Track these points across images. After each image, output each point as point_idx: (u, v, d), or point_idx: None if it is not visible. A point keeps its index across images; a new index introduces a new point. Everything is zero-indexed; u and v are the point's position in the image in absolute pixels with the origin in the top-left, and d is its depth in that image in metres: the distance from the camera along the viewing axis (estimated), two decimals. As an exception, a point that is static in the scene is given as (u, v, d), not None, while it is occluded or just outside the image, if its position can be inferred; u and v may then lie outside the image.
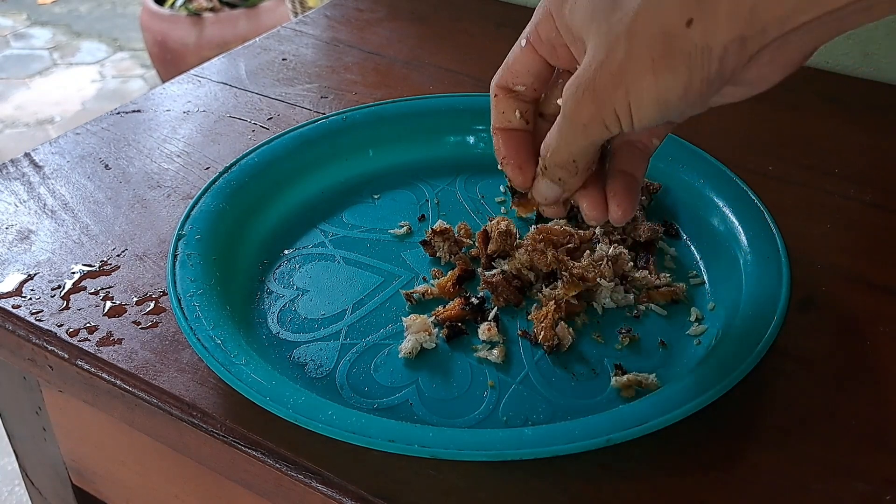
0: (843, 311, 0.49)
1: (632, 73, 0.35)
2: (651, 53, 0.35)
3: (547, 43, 0.40)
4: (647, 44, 0.35)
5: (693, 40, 0.34)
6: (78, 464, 0.60)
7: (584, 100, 0.37)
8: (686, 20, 0.34)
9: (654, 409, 0.40)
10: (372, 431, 0.39)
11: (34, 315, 0.49)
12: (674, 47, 0.34)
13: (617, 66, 0.35)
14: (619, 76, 0.35)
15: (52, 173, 0.61)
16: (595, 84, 0.36)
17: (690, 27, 0.34)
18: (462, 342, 0.48)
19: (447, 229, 0.53)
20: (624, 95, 0.36)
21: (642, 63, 0.35)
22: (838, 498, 0.39)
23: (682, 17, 0.34)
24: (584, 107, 0.37)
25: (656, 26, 0.34)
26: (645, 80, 0.35)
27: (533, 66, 0.41)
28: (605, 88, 0.36)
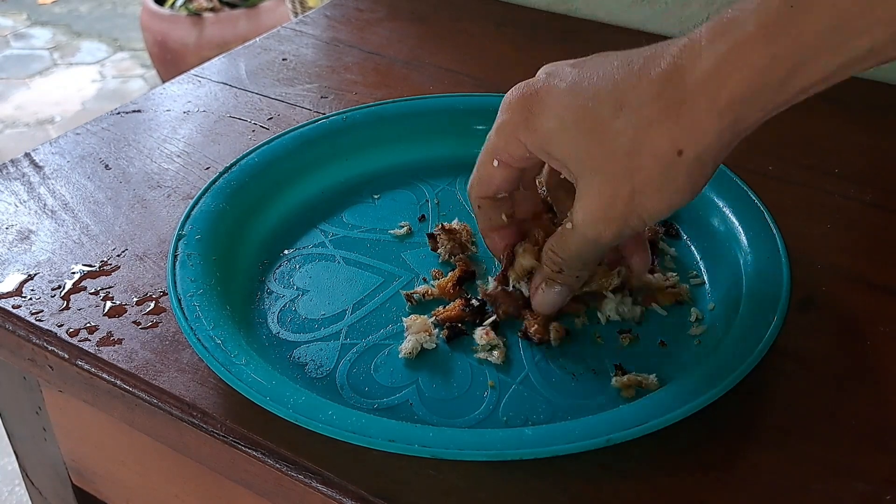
0: (843, 311, 0.49)
1: (641, 201, 0.40)
2: (654, 184, 0.39)
3: (520, 159, 0.44)
4: (648, 177, 0.39)
5: (688, 164, 0.38)
6: (78, 464, 0.60)
7: (603, 228, 0.41)
8: (676, 151, 0.38)
9: (654, 409, 0.40)
10: (372, 431, 0.39)
11: (34, 315, 0.49)
12: (672, 173, 0.39)
13: (627, 200, 0.40)
14: (630, 206, 0.40)
15: (52, 173, 0.61)
16: (609, 215, 0.41)
17: (682, 156, 0.38)
18: (462, 343, 0.48)
19: (456, 230, 0.53)
20: (639, 216, 0.40)
21: (649, 192, 0.39)
22: (838, 498, 0.39)
23: (672, 150, 0.38)
24: (605, 232, 0.42)
25: (651, 163, 0.39)
26: (654, 200, 0.40)
27: (509, 176, 0.45)
28: (621, 217, 0.41)
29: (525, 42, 0.80)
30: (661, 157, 0.38)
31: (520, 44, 0.79)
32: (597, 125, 0.39)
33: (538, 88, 0.42)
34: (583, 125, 0.39)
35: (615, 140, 0.39)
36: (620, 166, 0.39)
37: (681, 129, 0.37)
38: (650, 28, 0.81)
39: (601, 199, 0.40)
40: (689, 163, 0.38)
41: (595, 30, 0.82)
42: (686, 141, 0.38)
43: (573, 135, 0.40)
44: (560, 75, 0.41)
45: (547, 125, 0.41)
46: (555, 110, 0.41)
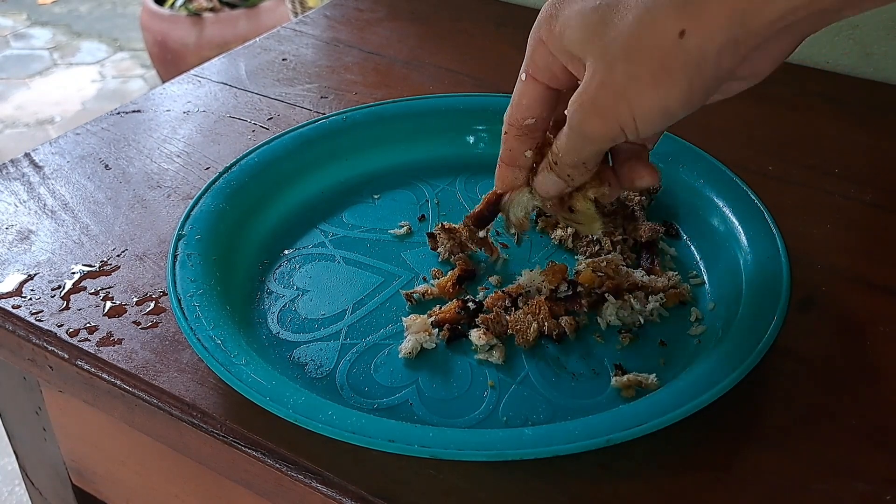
0: (843, 311, 0.49)
1: (633, 89, 0.37)
2: (649, 68, 0.36)
3: (545, 70, 0.41)
4: (645, 60, 0.36)
5: (688, 50, 0.35)
6: (78, 464, 0.60)
7: (589, 116, 0.38)
8: (678, 31, 0.35)
9: (654, 409, 0.40)
10: (372, 431, 0.39)
11: (34, 315, 0.49)
12: (670, 59, 0.36)
13: (618, 85, 0.37)
14: (621, 93, 0.37)
15: (52, 173, 0.61)
16: (598, 102, 0.38)
17: (684, 38, 0.35)
18: (462, 343, 0.48)
19: (456, 229, 0.53)
20: (628, 110, 0.37)
21: (642, 79, 0.36)
22: (838, 498, 0.39)
23: (674, 29, 0.35)
24: (590, 122, 0.39)
25: (651, 42, 0.36)
26: (647, 95, 0.36)
27: (538, 96, 0.43)
28: (609, 106, 0.37)
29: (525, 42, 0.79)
30: (661, 38, 0.35)
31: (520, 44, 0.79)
32: (611, 11, 0.37)
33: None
34: (600, 11, 0.37)
35: (622, 19, 0.36)
36: (620, 45, 0.36)
37: (686, 10, 0.35)
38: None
39: (593, 82, 0.38)
40: (690, 50, 0.35)
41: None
42: (689, 22, 0.35)
43: (589, 15, 0.38)
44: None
45: (567, 12, 0.39)
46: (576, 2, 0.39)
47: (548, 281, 0.49)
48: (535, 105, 0.43)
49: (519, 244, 0.51)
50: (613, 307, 0.48)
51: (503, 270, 0.53)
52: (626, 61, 0.36)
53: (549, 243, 0.55)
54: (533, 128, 0.44)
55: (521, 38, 0.80)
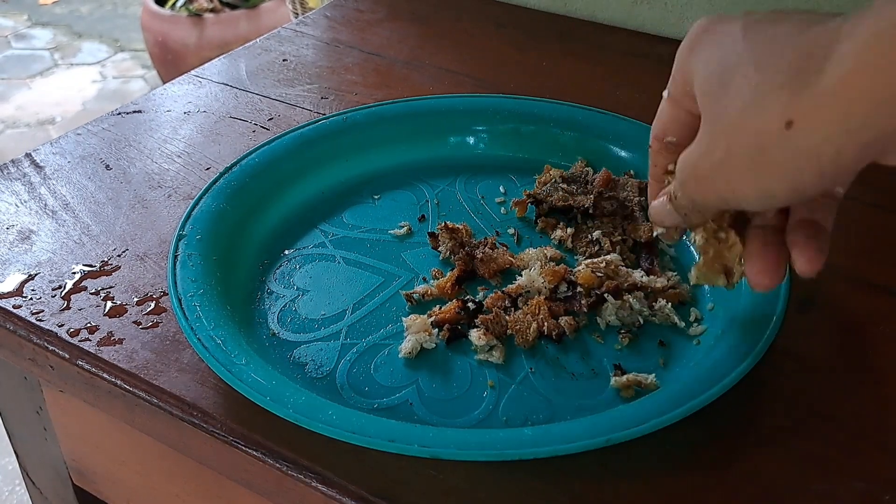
0: (843, 311, 0.49)
1: (732, 169, 0.35)
2: (749, 153, 0.34)
3: (684, 96, 0.39)
4: (745, 142, 0.34)
5: (795, 141, 0.32)
6: (78, 463, 0.60)
7: (690, 178, 0.37)
8: (786, 122, 0.32)
9: (654, 409, 0.40)
10: (372, 431, 0.39)
11: (35, 315, 0.49)
12: (772, 148, 0.33)
13: (718, 160, 0.35)
14: (720, 169, 0.35)
15: (52, 173, 0.61)
16: (699, 168, 0.36)
17: (790, 129, 0.32)
18: (462, 343, 0.48)
19: (457, 229, 0.53)
20: (726, 186, 0.35)
21: (740, 162, 0.34)
22: (838, 498, 0.39)
23: (782, 117, 0.32)
24: (691, 184, 0.37)
25: (755, 125, 0.33)
26: (745, 178, 0.34)
27: (676, 117, 0.41)
28: (708, 177, 0.36)
29: (525, 42, 0.80)
30: (767, 123, 0.33)
31: (520, 44, 0.79)
32: (731, 76, 0.35)
33: (713, 24, 0.38)
34: (725, 62, 0.36)
35: (739, 91, 0.34)
36: (728, 120, 0.35)
37: (800, 101, 0.32)
38: (649, 28, 0.81)
39: (699, 146, 0.36)
40: (796, 141, 0.32)
41: (594, 30, 0.82)
42: (801, 114, 0.31)
43: (714, 69, 0.36)
44: (738, 20, 0.37)
45: (703, 54, 0.37)
46: (710, 49, 0.37)
47: (547, 281, 0.50)
48: (674, 126, 0.41)
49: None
50: (613, 307, 0.48)
51: (503, 270, 0.53)
52: (729, 138, 0.35)
53: (550, 244, 0.55)
54: (676, 145, 0.41)
55: (521, 38, 0.80)
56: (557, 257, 0.53)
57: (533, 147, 0.62)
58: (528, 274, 0.50)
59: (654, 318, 0.49)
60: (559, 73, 0.74)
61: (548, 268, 0.50)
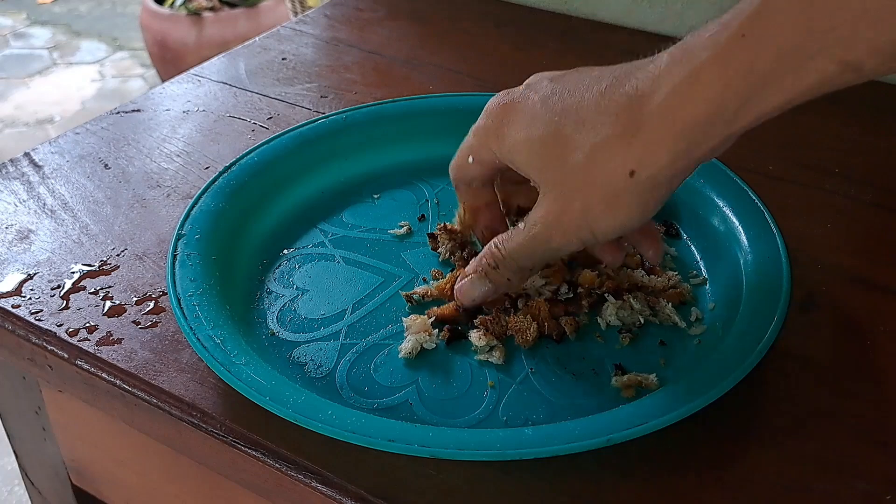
0: (843, 311, 0.49)
1: (592, 217, 0.41)
2: (605, 200, 0.40)
3: (491, 163, 0.46)
4: (599, 194, 0.40)
5: (640, 183, 0.39)
6: (78, 464, 0.60)
7: (553, 232, 0.42)
8: (628, 171, 0.39)
9: (654, 409, 0.40)
10: (372, 431, 0.39)
11: (34, 315, 0.49)
12: (623, 193, 0.39)
13: (578, 213, 0.41)
14: (581, 221, 0.41)
15: (51, 173, 0.61)
16: (560, 224, 0.42)
17: (634, 176, 0.39)
18: (462, 344, 0.48)
19: (457, 230, 0.53)
20: (589, 231, 0.41)
21: (599, 209, 0.40)
22: (839, 497, 0.39)
23: (624, 169, 0.39)
24: (554, 238, 0.42)
25: (603, 179, 0.39)
26: (605, 220, 0.41)
27: (485, 174, 0.48)
28: (570, 228, 0.42)
29: (525, 42, 0.80)
30: (613, 176, 0.39)
31: (520, 44, 0.79)
32: (559, 140, 0.40)
33: (514, 99, 0.43)
34: (546, 139, 0.41)
35: (573, 155, 0.40)
36: (574, 181, 0.40)
37: (634, 151, 0.38)
38: (650, 28, 0.81)
39: (554, 208, 0.41)
40: (641, 183, 0.39)
41: (594, 29, 0.82)
42: (638, 162, 0.38)
43: (537, 147, 0.41)
44: (536, 88, 0.43)
45: (515, 136, 0.43)
46: (524, 122, 0.42)
47: (548, 282, 0.49)
48: (481, 179, 0.48)
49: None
50: (613, 307, 0.48)
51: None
52: (583, 194, 0.40)
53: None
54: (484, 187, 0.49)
55: (521, 38, 0.80)
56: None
57: (533, 146, 0.62)
58: None
59: (654, 318, 0.49)
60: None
61: (548, 268, 0.50)
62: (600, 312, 0.49)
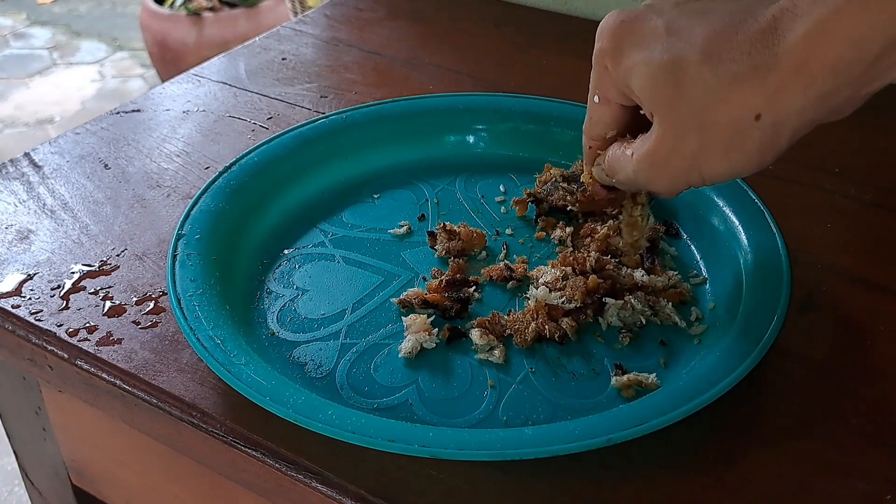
0: (843, 311, 0.49)
1: (705, 159, 0.38)
2: (722, 143, 0.37)
3: (617, 94, 0.42)
4: (719, 135, 0.37)
5: (763, 130, 0.36)
6: (78, 464, 0.60)
7: (659, 175, 0.40)
8: (754, 114, 0.36)
9: (654, 409, 0.40)
10: (372, 431, 0.39)
11: (34, 315, 0.49)
12: (744, 138, 0.37)
13: (691, 154, 0.38)
14: (692, 162, 0.38)
15: (51, 173, 0.61)
16: (670, 165, 0.39)
17: (759, 120, 0.36)
18: (462, 343, 0.48)
19: (456, 231, 0.53)
20: (698, 174, 0.39)
21: (715, 151, 0.37)
22: (839, 497, 0.39)
23: (751, 111, 0.36)
24: (660, 179, 0.40)
25: (726, 119, 0.36)
26: (719, 164, 0.38)
27: (614, 114, 0.43)
28: (680, 170, 0.39)
29: (525, 42, 0.79)
30: (737, 117, 0.36)
31: (520, 44, 0.79)
32: (682, 68, 0.37)
33: (634, 17, 0.40)
34: (668, 65, 0.37)
35: (695, 88, 0.37)
36: (693, 117, 0.37)
37: (764, 92, 0.35)
38: (650, 28, 0.81)
39: (665, 145, 0.38)
40: (765, 129, 0.36)
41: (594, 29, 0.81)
42: (767, 105, 0.35)
43: (657, 71, 0.38)
44: (659, 10, 0.39)
45: (634, 56, 0.39)
46: (644, 43, 0.39)
47: (569, 299, 0.49)
48: (613, 122, 0.43)
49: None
50: (615, 307, 0.48)
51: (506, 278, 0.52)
52: (700, 133, 0.37)
53: (550, 242, 0.55)
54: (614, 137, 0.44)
55: (521, 38, 0.80)
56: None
57: (533, 146, 0.62)
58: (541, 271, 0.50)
59: (655, 319, 0.49)
60: (559, 72, 0.74)
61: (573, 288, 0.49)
62: (601, 313, 0.49)
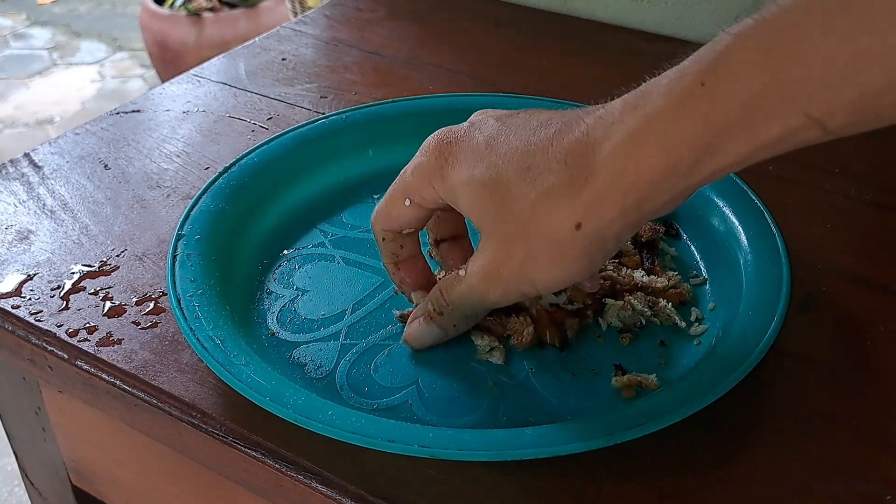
0: (843, 311, 0.49)
1: (533, 269, 0.39)
2: (547, 253, 0.38)
3: (432, 203, 0.43)
4: (543, 246, 0.38)
5: (587, 236, 0.37)
6: (78, 464, 0.60)
7: (493, 285, 0.41)
8: (574, 224, 0.37)
9: (655, 410, 0.40)
10: (372, 431, 0.39)
11: (34, 315, 0.49)
12: (568, 247, 0.37)
13: (519, 264, 0.39)
14: (522, 272, 0.39)
15: (51, 173, 0.61)
16: (501, 276, 0.40)
17: (580, 229, 0.37)
18: (462, 343, 0.48)
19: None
20: (530, 283, 0.39)
21: (542, 261, 0.38)
22: (839, 498, 0.39)
23: (570, 222, 0.37)
24: (494, 290, 0.41)
25: (548, 231, 0.37)
26: (547, 273, 0.39)
27: (421, 216, 0.45)
28: (512, 279, 0.40)
29: (525, 42, 0.79)
30: (558, 228, 0.37)
31: (520, 44, 0.79)
32: (503, 185, 0.38)
33: (458, 137, 0.41)
34: (490, 183, 0.39)
35: (517, 202, 0.38)
36: (518, 230, 0.38)
37: (582, 202, 0.36)
38: (650, 28, 0.81)
39: (495, 257, 0.40)
40: (587, 237, 0.37)
41: (594, 30, 0.82)
42: (586, 215, 0.36)
43: (480, 190, 0.39)
44: (482, 127, 0.41)
45: (458, 176, 0.40)
46: (467, 163, 0.40)
47: (570, 299, 0.49)
48: (415, 222, 0.45)
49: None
50: (615, 308, 0.48)
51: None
52: (526, 244, 0.38)
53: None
54: (412, 234, 0.46)
55: (521, 38, 0.80)
56: None
57: (533, 146, 0.62)
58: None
59: (655, 319, 0.49)
60: (559, 72, 0.74)
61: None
62: (602, 314, 0.49)
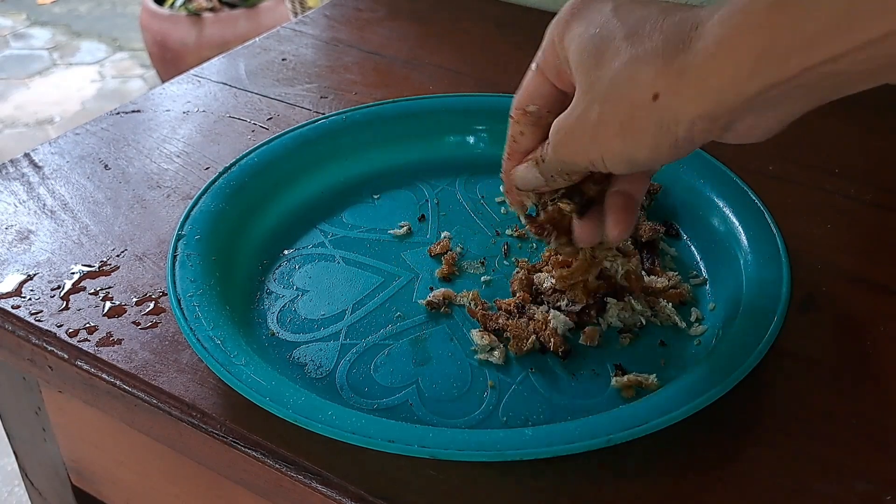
0: (843, 311, 0.49)
1: (603, 134, 0.38)
2: (619, 119, 0.37)
3: (553, 69, 0.42)
4: (617, 109, 0.37)
5: (659, 113, 0.36)
6: (78, 464, 0.60)
7: (564, 143, 0.40)
8: (653, 94, 0.36)
9: (655, 410, 0.40)
10: (372, 431, 0.39)
11: (34, 315, 0.49)
12: (640, 116, 0.36)
13: (592, 125, 0.38)
14: (593, 134, 0.38)
15: (51, 173, 0.61)
16: (574, 133, 0.39)
17: (657, 101, 0.36)
18: (462, 343, 0.48)
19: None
20: (597, 150, 0.38)
21: (611, 127, 0.37)
22: (839, 498, 0.39)
23: (650, 90, 0.36)
24: (564, 148, 0.40)
25: (626, 94, 0.36)
26: (614, 142, 0.38)
27: (542, 89, 0.43)
28: (582, 140, 0.39)
29: (525, 42, 0.79)
30: (637, 93, 0.36)
31: (520, 44, 0.79)
32: (607, 40, 0.37)
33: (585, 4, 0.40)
34: (597, 38, 0.38)
35: (612, 59, 0.37)
36: (602, 88, 0.37)
37: (666, 72, 0.35)
38: (650, 28, 0.81)
39: (574, 113, 0.39)
40: (660, 110, 0.36)
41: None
42: (666, 86, 0.35)
43: (586, 44, 0.38)
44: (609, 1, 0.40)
45: (577, 28, 0.39)
46: (590, 20, 0.39)
47: (572, 300, 0.48)
48: (538, 96, 0.43)
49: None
50: (615, 308, 0.48)
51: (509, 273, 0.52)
52: (602, 105, 0.37)
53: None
54: (535, 115, 0.43)
55: (521, 37, 0.80)
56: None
57: (533, 147, 0.62)
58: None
59: (655, 319, 0.49)
60: (559, 72, 0.74)
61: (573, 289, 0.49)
62: (602, 313, 0.49)
